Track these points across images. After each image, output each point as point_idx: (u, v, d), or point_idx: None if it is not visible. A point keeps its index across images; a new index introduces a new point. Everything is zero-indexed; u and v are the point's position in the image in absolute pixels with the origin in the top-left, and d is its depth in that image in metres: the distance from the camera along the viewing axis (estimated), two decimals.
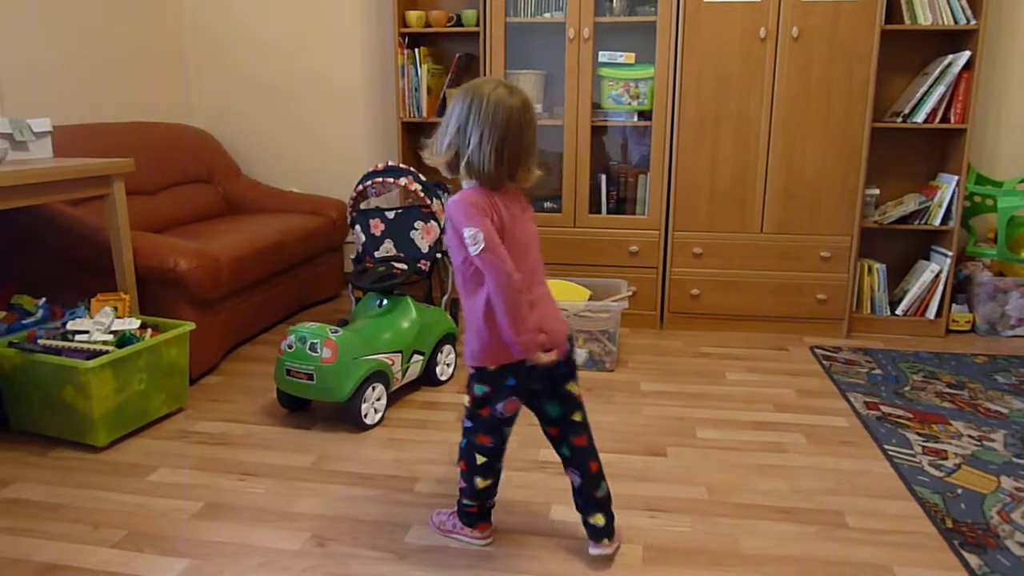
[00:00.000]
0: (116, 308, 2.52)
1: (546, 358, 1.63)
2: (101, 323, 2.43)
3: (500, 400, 1.74)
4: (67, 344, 2.33)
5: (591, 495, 1.78)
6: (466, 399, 1.79)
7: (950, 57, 3.25)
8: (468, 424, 1.80)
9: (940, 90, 3.26)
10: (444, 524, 1.91)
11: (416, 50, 3.60)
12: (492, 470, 1.82)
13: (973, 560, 1.79)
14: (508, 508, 2.00)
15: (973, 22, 3.17)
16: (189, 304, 2.78)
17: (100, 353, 2.29)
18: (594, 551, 1.78)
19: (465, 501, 1.85)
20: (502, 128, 1.57)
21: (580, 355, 1.65)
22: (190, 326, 2.59)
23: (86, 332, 2.39)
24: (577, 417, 1.78)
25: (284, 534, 1.90)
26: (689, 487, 2.13)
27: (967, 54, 3.19)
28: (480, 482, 1.81)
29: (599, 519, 1.78)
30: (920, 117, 3.30)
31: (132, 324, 2.47)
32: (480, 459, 1.80)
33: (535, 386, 1.73)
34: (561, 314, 1.75)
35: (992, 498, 2.07)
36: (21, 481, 2.16)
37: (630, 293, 3.24)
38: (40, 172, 2.34)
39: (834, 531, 1.92)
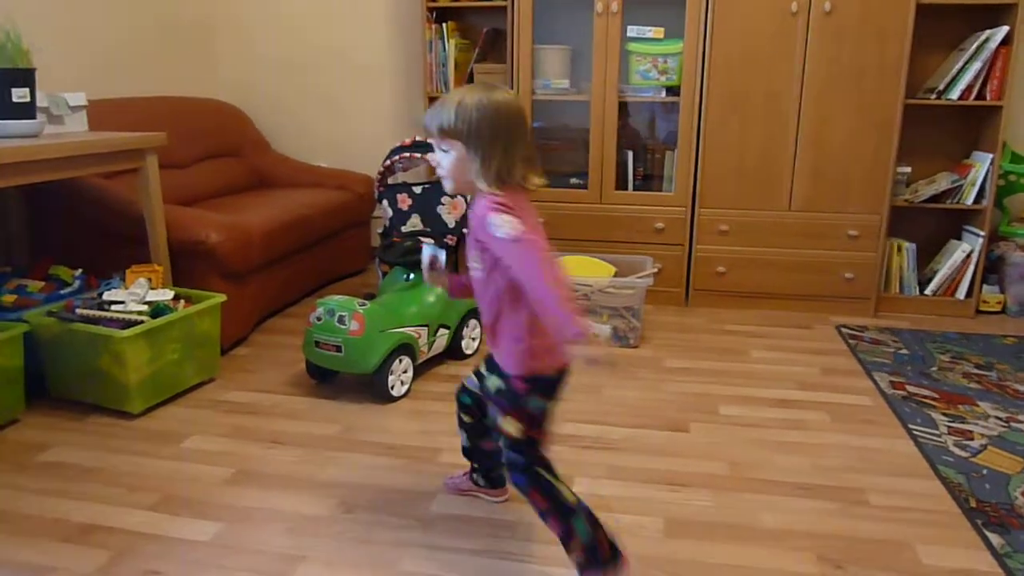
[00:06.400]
0: (150, 279, 2.57)
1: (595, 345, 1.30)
2: (136, 294, 2.48)
3: (549, 410, 1.56)
4: (103, 314, 2.39)
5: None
6: (511, 428, 1.55)
7: (987, 32, 3.18)
8: (522, 459, 1.56)
9: (976, 66, 3.19)
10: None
11: (443, 24, 3.59)
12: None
13: (995, 539, 1.79)
14: None
15: None
16: (220, 276, 2.83)
17: (135, 323, 2.35)
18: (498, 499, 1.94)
19: (587, 541, 1.52)
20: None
21: (603, 330, 1.62)
22: (221, 298, 2.64)
23: (122, 302, 2.45)
24: None
25: (312, 500, 1.95)
26: (711, 462, 2.15)
27: (1005, 29, 3.12)
28: (569, 495, 1.56)
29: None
30: (955, 94, 3.24)
31: (166, 295, 2.53)
32: (556, 485, 1.55)
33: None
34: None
35: (1017, 479, 2.06)
36: (60, 445, 2.23)
37: (655, 270, 3.23)
38: (76, 145, 2.38)
39: (855, 508, 1.93)
